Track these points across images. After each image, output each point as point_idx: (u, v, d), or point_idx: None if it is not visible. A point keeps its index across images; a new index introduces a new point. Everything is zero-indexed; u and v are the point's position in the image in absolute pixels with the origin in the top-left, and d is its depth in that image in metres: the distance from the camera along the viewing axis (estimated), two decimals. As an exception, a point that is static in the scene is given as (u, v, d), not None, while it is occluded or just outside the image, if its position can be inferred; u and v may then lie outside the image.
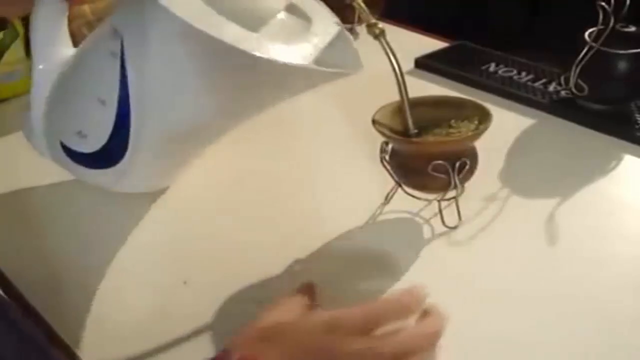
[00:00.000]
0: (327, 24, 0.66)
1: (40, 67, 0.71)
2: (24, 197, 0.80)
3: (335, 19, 0.66)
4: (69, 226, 0.75)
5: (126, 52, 0.63)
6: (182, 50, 0.61)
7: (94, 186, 0.76)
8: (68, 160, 0.72)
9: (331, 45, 0.63)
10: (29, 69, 0.73)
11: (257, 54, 0.56)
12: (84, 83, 0.69)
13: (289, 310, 0.54)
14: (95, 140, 0.68)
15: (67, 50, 0.72)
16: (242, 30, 0.58)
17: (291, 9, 0.66)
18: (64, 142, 0.71)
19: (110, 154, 0.69)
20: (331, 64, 0.61)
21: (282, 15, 0.66)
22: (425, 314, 0.54)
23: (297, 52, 0.61)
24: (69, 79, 0.71)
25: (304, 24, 0.66)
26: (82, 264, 0.68)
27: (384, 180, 0.73)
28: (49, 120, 0.72)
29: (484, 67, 1.03)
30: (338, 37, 0.65)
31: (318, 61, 0.61)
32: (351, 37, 0.66)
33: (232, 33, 0.57)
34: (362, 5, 0.65)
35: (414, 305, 0.53)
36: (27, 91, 0.72)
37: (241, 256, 0.69)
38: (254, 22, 0.61)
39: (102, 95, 0.66)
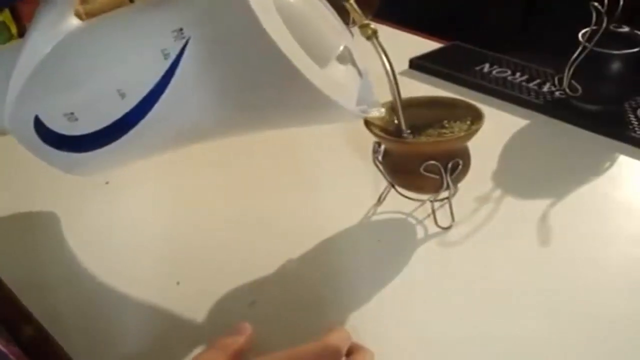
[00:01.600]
0: (359, 68, 0.66)
1: (38, 33, 0.63)
2: (17, 198, 0.80)
3: (363, 64, 0.66)
4: (62, 228, 0.75)
5: (186, 57, 0.57)
6: (252, 73, 0.57)
7: (90, 187, 0.76)
8: (33, 134, 0.64)
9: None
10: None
11: (332, 96, 0.55)
12: (103, 69, 0.62)
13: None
14: (85, 126, 0.63)
15: (71, 24, 0.63)
16: (315, 65, 0.57)
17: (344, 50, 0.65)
18: (41, 117, 0.64)
19: (91, 141, 0.63)
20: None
21: (339, 55, 0.65)
22: (353, 351, 0.53)
23: (349, 95, 0.61)
24: (78, 59, 0.63)
25: (350, 65, 0.66)
26: (75, 265, 0.68)
27: (377, 180, 0.73)
28: (28, 90, 0.64)
29: (478, 68, 1.04)
30: (364, 80, 0.65)
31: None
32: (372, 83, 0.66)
33: (309, 67, 0.55)
34: (355, 5, 0.65)
35: (342, 345, 0.53)
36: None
37: (234, 256, 0.69)
38: (316, 58, 0.58)
39: (126, 89, 0.60)
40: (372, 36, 0.63)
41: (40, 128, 0.65)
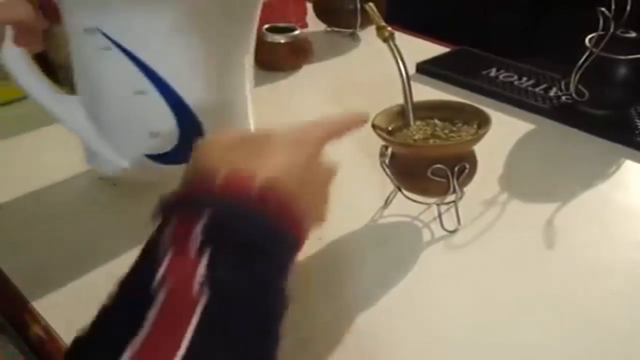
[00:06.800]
0: None
1: (59, 103, 0.70)
2: (27, 200, 0.80)
3: None
4: (72, 229, 0.75)
5: (113, 37, 0.64)
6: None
7: (98, 188, 0.77)
8: (160, 167, 0.71)
9: None
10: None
11: None
12: (108, 95, 0.69)
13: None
14: (169, 135, 0.69)
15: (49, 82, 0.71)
16: None
17: None
18: (146, 152, 0.71)
19: (193, 135, 0.67)
20: None
21: None
22: None
23: None
24: (94, 99, 0.70)
25: None
26: (84, 266, 0.69)
27: (384, 184, 0.73)
28: (111, 144, 0.72)
29: (485, 72, 1.04)
30: None
31: None
32: None
33: None
34: (374, 8, 0.66)
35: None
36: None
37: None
38: None
39: (135, 86, 0.66)
40: (389, 38, 0.64)
41: (155, 158, 0.72)
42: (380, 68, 0.64)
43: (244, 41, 0.72)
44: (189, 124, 0.69)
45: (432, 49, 1.14)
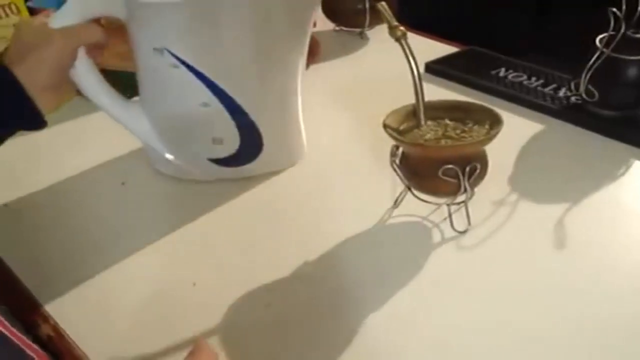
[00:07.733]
0: None
1: (129, 114, 0.75)
2: (33, 201, 0.80)
3: None
4: (80, 226, 0.75)
5: (180, 56, 0.69)
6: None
7: (106, 186, 0.77)
8: (222, 168, 0.79)
9: None
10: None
11: None
12: (175, 107, 0.74)
13: None
14: (231, 139, 0.75)
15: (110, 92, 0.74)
16: None
17: None
18: (209, 157, 0.77)
19: (252, 140, 0.76)
20: None
21: None
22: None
23: None
24: (159, 109, 0.75)
25: None
26: (92, 266, 0.69)
27: (394, 184, 0.73)
28: (178, 154, 0.78)
29: (494, 72, 1.03)
30: None
31: None
32: None
33: None
34: (387, 8, 0.66)
35: None
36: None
37: (251, 259, 0.69)
38: None
39: (200, 99, 0.72)
40: (402, 38, 0.64)
41: (218, 162, 0.79)
42: (389, 68, 0.64)
43: (301, 47, 0.76)
44: (249, 130, 0.75)
45: (440, 49, 1.14)
